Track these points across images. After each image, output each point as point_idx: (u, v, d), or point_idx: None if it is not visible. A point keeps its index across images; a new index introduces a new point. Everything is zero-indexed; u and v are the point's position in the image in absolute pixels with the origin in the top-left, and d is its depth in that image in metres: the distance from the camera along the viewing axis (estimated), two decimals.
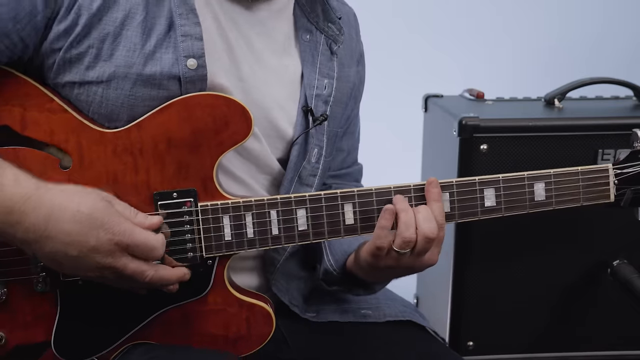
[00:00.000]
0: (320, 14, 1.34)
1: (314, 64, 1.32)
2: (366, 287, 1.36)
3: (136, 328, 1.20)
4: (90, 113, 1.16)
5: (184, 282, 1.17)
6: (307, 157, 1.30)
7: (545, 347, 1.90)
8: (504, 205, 1.25)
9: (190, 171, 1.17)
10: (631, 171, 1.29)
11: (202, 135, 1.16)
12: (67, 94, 1.16)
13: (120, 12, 1.14)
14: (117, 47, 1.14)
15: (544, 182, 1.25)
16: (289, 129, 1.30)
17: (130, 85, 1.15)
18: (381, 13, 2.72)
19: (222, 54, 1.23)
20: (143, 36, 1.15)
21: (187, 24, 1.17)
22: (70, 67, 1.14)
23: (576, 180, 1.26)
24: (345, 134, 1.46)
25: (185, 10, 1.17)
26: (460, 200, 1.23)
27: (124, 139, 1.16)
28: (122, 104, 1.15)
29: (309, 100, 1.30)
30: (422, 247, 1.18)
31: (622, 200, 1.29)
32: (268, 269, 1.33)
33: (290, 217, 1.19)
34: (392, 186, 1.21)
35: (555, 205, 1.26)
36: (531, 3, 2.92)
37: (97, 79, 1.14)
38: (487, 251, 1.83)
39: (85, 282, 1.16)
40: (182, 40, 1.16)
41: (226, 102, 1.17)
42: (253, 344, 1.23)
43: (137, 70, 1.14)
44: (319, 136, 1.32)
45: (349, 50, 1.41)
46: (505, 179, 1.24)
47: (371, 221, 1.21)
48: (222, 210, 1.18)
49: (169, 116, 1.16)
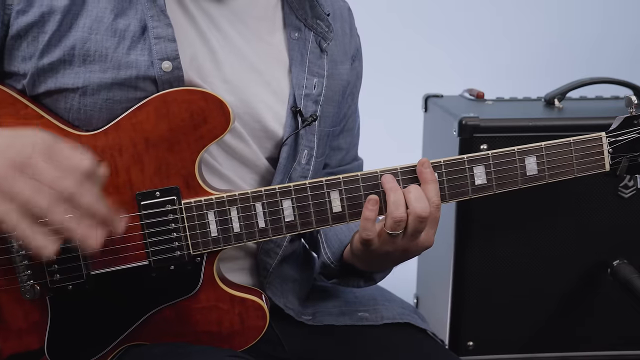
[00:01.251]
0: (308, 10, 1.30)
1: (302, 63, 1.29)
2: (366, 278, 1.34)
3: (129, 329, 1.19)
4: (71, 119, 1.15)
5: (173, 281, 1.17)
6: (297, 158, 1.28)
7: (545, 347, 1.88)
8: (495, 183, 1.21)
9: (171, 169, 1.15)
10: (626, 138, 1.24)
11: (181, 131, 1.15)
12: (46, 103, 1.15)
13: (89, 17, 1.13)
14: (88, 53, 1.13)
15: (535, 156, 1.22)
16: (278, 129, 1.27)
17: (107, 89, 1.13)
18: (379, 11, 2.71)
19: (203, 55, 1.20)
20: (114, 39, 1.13)
21: (159, 26, 1.15)
22: (44, 77, 1.13)
23: (569, 152, 1.23)
24: (342, 131, 1.42)
25: (155, 12, 1.15)
26: (450, 180, 1.20)
27: (102, 140, 1.14)
28: (101, 108, 1.14)
29: (297, 100, 1.27)
30: (415, 227, 1.14)
31: (618, 168, 1.25)
32: (261, 273, 1.31)
33: (276, 208, 1.17)
34: (379, 170, 1.18)
35: (548, 178, 1.23)
36: (531, 3, 2.89)
37: (72, 85, 1.13)
38: (487, 251, 1.81)
39: (75, 287, 1.16)
40: (156, 43, 1.14)
41: (203, 96, 1.15)
42: (248, 338, 1.22)
43: (112, 75, 1.13)
44: (309, 137, 1.29)
45: (341, 47, 1.37)
46: (494, 155, 1.21)
47: (359, 207, 1.18)
48: (206, 207, 1.16)
49: (146, 115, 1.14)
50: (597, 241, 1.82)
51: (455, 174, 1.20)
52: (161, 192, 1.15)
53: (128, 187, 1.15)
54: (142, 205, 1.15)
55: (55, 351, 1.18)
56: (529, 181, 1.22)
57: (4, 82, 1.17)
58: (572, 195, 1.79)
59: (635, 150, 1.25)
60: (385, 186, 1.16)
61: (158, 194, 1.15)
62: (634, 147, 1.25)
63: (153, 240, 1.16)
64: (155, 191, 1.15)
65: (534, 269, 1.83)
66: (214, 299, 1.20)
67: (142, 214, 1.15)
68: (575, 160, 1.23)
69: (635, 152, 1.25)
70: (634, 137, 1.25)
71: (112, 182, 1.15)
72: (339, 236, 1.32)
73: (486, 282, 1.83)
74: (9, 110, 1.13)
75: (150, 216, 1.16)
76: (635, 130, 1.25)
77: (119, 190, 1.15)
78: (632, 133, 1.25)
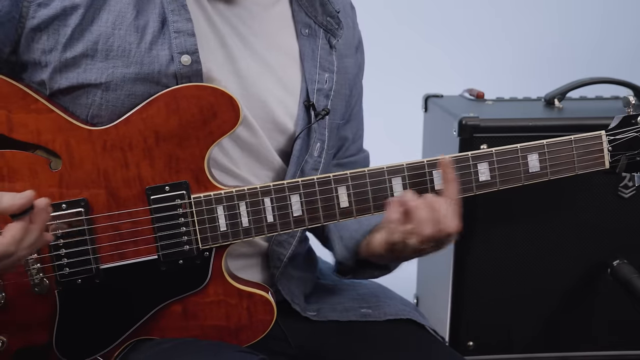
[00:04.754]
0: (318, 7, 1.33)
1: (314, 58, 1.31)
2: (382, 268, 1.38)
3: (137, 324, 1.19)
4: (90, 115, 1.16)
5: (182, 276, 1.17)
6: (310, 151, 1.30)
7: (545, 347, 1.90)
8: (499, 179, 1.24)
9: (181, 164, 1.16)
10: (625, 136, 1.27)
11: (190, 126, 1.16)
12: (66, 99, 1.16)
13: (112, 13, 1.14)
14: (111, 48, 1.14)
15: (538, 153, 1.24)
16: (289, 123, 1.29)
17: (130, 84, 1.15)
18: (379, 11, 2.72)
19: (216, 50, 1.22)
20: (137, 34, 1.15)
21: (180, 20, 1.16)
22: (67, 71, 1.14)
23: (570, 149, 1.25)
24: (348, 121, 1.45)
25: (176, 6, 1.17)
26: (455, 177, 1.22)
27: (113, 135, 1.15)
28: (123, 103, 1.15)
29: (310, 94, 1.30)
30: (443, 241, 1.18)
31: (617, 166, 1.28)
32: (274, 264, 1.32)
33: (284, 203, 1.19)
34: (385, 166, 1.20)
35: (550, 175, 1.25)
36: (531, 3, 2.92)
37: (95, 80, 1.14)
38: (487, 252, 1.83)
39: (83, 281, 1.16)
40: (175, 37, 1.15)
41: (212, 92, 1.16)
42: (256, 332, 1.22)
43: (135, 70, 1.14)
44: (322, 130, 1.32)
45: (347, 40, 1.40)
46: (498, 152, 1.23)
47: (366, 202, 1.20)
48: (215, 201, 1.17)
49: (156, 110, 1.15)
50: (597, 241, 1.83)
51: (460, 171, 1.22)
52: (171, 186, 1.16)
53: (138, 181, 1.16)
54: (151, 200, 1.16)
55: (63, 345, 1.18)
56: (531, 178, 1.25)
57: (20, 76, 1.17)
58: (573, 195, 1.81)
59: (633, 148, 1.28)
60: (410, 204, 1.16)
61: (168, 188, 1.16)
62: (632, 145, 1.28)
63: (162, 234, 1.17)
64: (165, 186, 1.16)
65: (534, 269, 1.84)
66: (222, 294, 1.21)
67: (151, 208, 1.16)
68: (577, 158, 1.26)
69: (633, 150, 1.28)
70: (632, 136, 1.28)
71: (122, 176, 1.15)
72: (353, 235, 1.34)
73: (486, 282, 1.84)
74: (20, 105, 1.14)
75: (159, 210, 1.16)
76: (633, 129, 1.28)
77: (129, 184, 1.15)
78: (630, 132, 1.28)
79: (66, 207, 1.14)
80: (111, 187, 1.15)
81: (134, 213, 1.16)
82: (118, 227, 1.16)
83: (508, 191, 1.75)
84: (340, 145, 1.44)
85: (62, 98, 1.16)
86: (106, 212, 1.16)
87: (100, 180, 1.15)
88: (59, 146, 1.14)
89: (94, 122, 1.16)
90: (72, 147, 1.14)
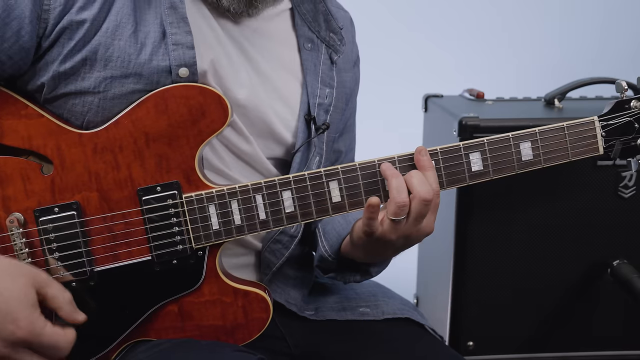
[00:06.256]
0: (322, 24, 1.34)
1: (316, 73, 1.32)
2: (362, 272, 1.34)
3: (133, 326, 1.20)
4: (86, 120, 1.16)
5: (177, 276, 1.17)
6: (308, 164, 1.31)
7: (545, 347, 1.89)
8: (491, 168, 1.23)
9: (172, 164, 1.17)
10: (618, 122, 1.27)
11: (180, 126, 1.16)
12: (61, 105, 1.16)
13: (112, 23, 1.15)
14: (111, 58, 1.14)
15: (530, 141, 1.23)
16: (287, 135, 1.30)
17: (129, 93, 1.15)
18: (379, 11, 2.74)
19: (220, 61, 1.22)
20: (137, 45, 1.15)
21: (179, 33, 1.17)
22: (65, 80, 1.15)
23: (562, 136, 1.25)
24: (342, 134, 1.45)
25: (176, 19, 1.17)
26: (447, 167, 1.22)
27: (103, 137, 1.16)
28: (120, 110, 1.16)
29: (312, 109, 1.30)
30: (419, 210, 1.15)
31: (612, 152, 1.27)
32: (264, 270, 1.32)
33: (276, 199, 1.19)
34: (376, 159, 1.20)
35: (544, 163, 1.24)
36: (532, 3, 2.92)
37: (93, 89, 1.15)
38: (487, 251, 1.82)
39: (79, 283, 1.16)
40: (174, 49, 1.16)
41: (200, 91, 1.17)
42: (252, 331, 1.22)
43: (134, 80, 1.15)
44: (320, 144, 1.33)
45: (346, 55, 1.41)
46: (490, 142, 1.23)
47: (358, 196, 1.20)
48: (207, 200, 1.17)
49: (145, 111, 1.16)
50: (597, 241, 1.82)
51: (452, 161, 1.22)
52: (162, 187, 1.17)
53: (129, 182, 1.16)
54: (143, 201, 1.16)
55: None
56: (525, 166, 1.24)
57: (15, 81, 1.17)
58: (573, 195, 1.80)
59: (627, 133, 1.27)
60: (386, 173, 1.17)
61: (159, 189, 1.17)
62: (625, 130, 1.27)
63: (155, 234, 1.17)
64: (156, 186, 1.17)
65: (534, 269, 1.83)
66: (217, 292, 1.21)
67: (143, 209, 1.16)
68: (570, 144, 1.25)
69: (627, 136, 1.27)
70: (626, 121, 1.27)
71: (114, 178, 1.16)
72: (336, 229, 1.32)
73: (486, 282, 1.84)
74: (10, 110, 1.15)
75: (151, 211, 1.17)
76: (626, 113, 1.27)
77: (121, 186, 1.16)
78: (624, 117, 1.27)
79: (58, 211, 1.15)
80: (103, 190, 1.16)
81: (127, 214, 1.17)
82: (111, 229, 1.17)
83: (508, 191, 1.76)
84: (335, 159, 1.44)
85: (58, 105, 1.16)
86: (99, 215, 1.16)
87: (92, 183, 1.16)
88: (50, 151, 1.15)
89: (90, 127, 1.17)
90: (63, 151, 1.15)
